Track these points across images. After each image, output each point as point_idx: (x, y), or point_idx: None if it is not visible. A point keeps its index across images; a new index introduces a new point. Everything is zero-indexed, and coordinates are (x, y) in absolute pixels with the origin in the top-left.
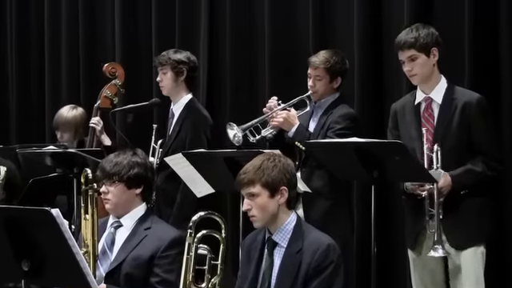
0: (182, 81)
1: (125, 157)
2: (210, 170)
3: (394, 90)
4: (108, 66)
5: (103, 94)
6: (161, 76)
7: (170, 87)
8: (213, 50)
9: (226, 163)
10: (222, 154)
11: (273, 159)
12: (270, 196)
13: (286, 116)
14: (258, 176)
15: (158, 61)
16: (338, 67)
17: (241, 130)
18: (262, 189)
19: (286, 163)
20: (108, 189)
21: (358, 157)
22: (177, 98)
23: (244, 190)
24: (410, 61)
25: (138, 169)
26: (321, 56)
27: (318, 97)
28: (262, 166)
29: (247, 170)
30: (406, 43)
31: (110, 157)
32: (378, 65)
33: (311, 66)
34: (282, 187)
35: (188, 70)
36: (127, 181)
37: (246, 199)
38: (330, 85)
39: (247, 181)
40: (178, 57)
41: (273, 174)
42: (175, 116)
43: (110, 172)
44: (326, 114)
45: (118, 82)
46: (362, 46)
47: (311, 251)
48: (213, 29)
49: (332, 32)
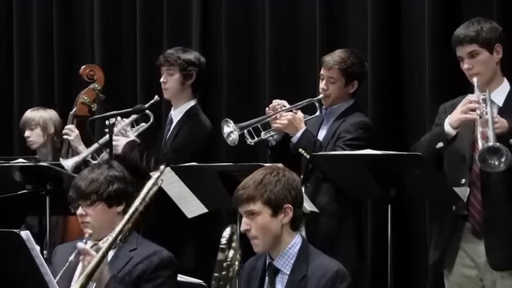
0: (190, 85)
1: (100, 171)
2: (203, 186)
3: (414, 95)
4: (85, 68)
5: (80, 100)
6: (166, 77)
7: (175, 90)
8: (206, 48)
9: (221, 178)
10: (216, 167)
11: (276, 173)
12: (272, 215)
13: (292, 118)
14: (259, 192)
15: (164, 59)
16: (356, 69)
17: (238, 128)
18: (263, 206)
19: (291, 178)
20: (86, 211)
21: (373, 172)
22: (179, 103)
23: (243, 207)
24: (470, 57)
25: (118, 184)
26: (336, 55)
27: (331, 102)
28: (264, 181)
29: (247, 185)
30: (466, 37)
31: (84, 173)
32: (395, 66)
33: (325, 66)
34: (286, 205)
35: (197, 73)
36: (107, 199)
37: (245, 218)
38: (344, 89)
39: (246, 197)
40: (188, 57)
41: (276, 190)
42: (174, 122)
43: (87, 191)
44: (338, 122)
45: (97, 87)
46: (376, 45)
47: (317, 278)
48: (206, 25)
49: (342, 28)
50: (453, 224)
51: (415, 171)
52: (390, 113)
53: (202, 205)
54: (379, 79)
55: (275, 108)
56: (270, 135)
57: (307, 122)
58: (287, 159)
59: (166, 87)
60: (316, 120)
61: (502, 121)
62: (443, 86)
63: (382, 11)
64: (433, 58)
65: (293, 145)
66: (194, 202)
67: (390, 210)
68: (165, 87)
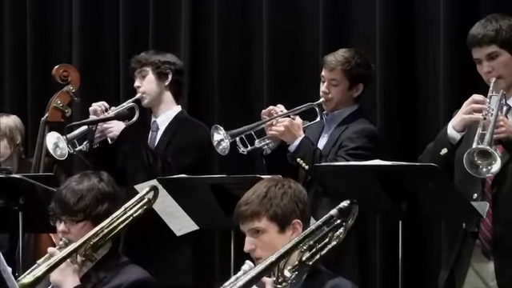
0: (167, 87)
1: (90, 185)
2: (193, 200)
3: (429, 99)
4: (58, 68)
5: (52, 105)
6: (139, 81)
7: (153, 94)
8: (197, 49)
9: (213, 192)
10: (208, 179)
11: (281, 185)
12: (279, 231)
13: (289, 125)
14: (265, 207)
15: (135, 61)
16: (361, 71)
17: (229, 135)
18: (269, 223)
19: (298, 190)
20: (69, 228)
21: (382, 184)
22: (162, 109)
23: (246, 225)
24: (489, 59)
25: (108, 203)
26: (339, 55)
27: (333, 106)
28: (269, 195)
29: (249, 200)
30: (485, 37)
31: (71, 185)
32: (407, 67)
33: (326, 67)
34: (294, 220)
35: (173, 74)
36: (95, 219)
37: (249, 237)
38: (348, 92)
39: (250, 213)
40: (162, 57)
41: (283, 204)
42: (161, 129)
43: (75, 208)
44: (340, 129)
45: (72, 89)
46: (386, 44)
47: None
48: (196, 22)
49: (348, 26)
50: (463, 241)
51: (429, 184)
52: (401, 119)
53: (192, 221)
54: (389, 82)
55: (271, 113)
56: (264, 143)
57: (306, 129)
58: (283, 169)
59: (143, 90)
60: (316, 127)
61: (510, 125)
62: (460, 88)
63: (391, 6)
64: (449, 58)
65: (290, 154)
66: (183, 218)
67: (400, 227)
68: (140, 91)
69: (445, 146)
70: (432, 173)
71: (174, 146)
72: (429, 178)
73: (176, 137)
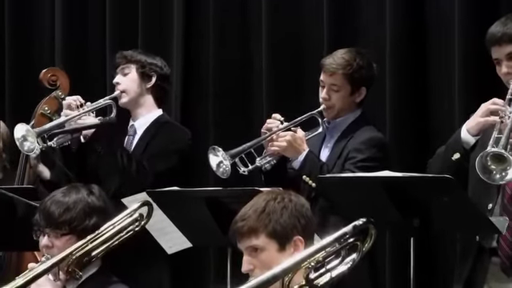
0: (149, 90)
1: (79, 197)
2: (186, 215)
3: (442, 105)
4: (46, 72)
5: (39, 111)
6: (120, 78)
7: (133, 94)
8: (190, 50)
9: (208, 206)
10: (202, 192)
11: (281, 199)
12: (279, 249)
13: (291, 139)
14: (263, 223)
15: (120, 56)
16: (364, 74)
17: (228, 156)
18: (268, 240)
19: (299, 203)
20: (53, 242)
21: (392, 197)
22: (141, 112)
23: (243, 242)
24: (509, 59)
25: (97, 217)
26: (339, 57)
27: (334, 114)
28: (267, 209)
29: (246, 216)
30: (505, 36)
31: (57, 196)
32: (419, 70)
33: (325, 71)
34: (295, 237)
35: (158, 78)
36: (81, 233)
37: (247, 256)
38: (350, 98)
39: (247, 230)
40: (149, 58)
41: (283, 220)
42: (138, 133)
43: (59, 220)
44: (345, 139)
45: (61, 95)
46: (397, 46)
47: None
48: (190, 21)
49: (356, 25)
50: (477, 257)
51: (444, 197)
52: (413, 126)
53: (184, 238)
54: (399, 86)
55: (271, 128)
56: (266, 161)
57: (308, 141)
58: (284, 185)
59: (122, 88)
60: (317, 137)
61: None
62: (476, 92)
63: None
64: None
65: (294, 171)
66: (174, 235)
67: (412, 243)
68: (119, 88)
69: (457, 150)
70: (446, 185)
71: (150, 150)
72: (443, 190)
73: (154, 140)
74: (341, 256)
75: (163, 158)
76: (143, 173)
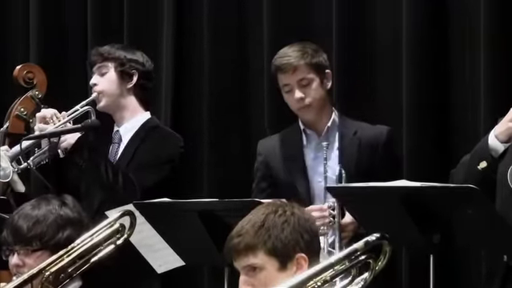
0: (130, 90)
1: (49, 209)
2: (177, 230)
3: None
4: (21, 69)
5: (14, 113)
6: (96, 78)
7: (112, 96)
8: (182, 49)
9: (202, 220)
10: (195, 205)
11: (282, 212)
12: (280, 269)
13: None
14: (262, 239)
15: (95, 53)
16: (321, 55)
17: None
18: (267, 258)
19: (302, 217)
20: (24, 260)
21: (408, 210)
22: (125, 116)
23: (240, 261)
24: None
25: (71, 230)
26: (292, 51)
27: (315, 112)
28: (267, 224)
29: (243, 231)
30: None
31: (26, 209)
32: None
33: (286, 72)
34: (298, 254)
35: (140, 76)
36: (54, 248)
37: (244, 276)
38: (322, 87)
39: (244, 247)
40: (129, 53)
41: (284, 236)
42: (124, 140)
43: (29, 235)
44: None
45: (38, 94)
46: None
47: None
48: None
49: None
50: (506, 277)
51: (467, 210)
52: (433, 131)
53: (176, 256)
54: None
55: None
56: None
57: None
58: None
59: (99, 90)
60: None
61: None
62: (504, 94)
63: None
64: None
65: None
66: (165, 252)
67: (432, 262)
68: (96, 90)
69: (484, 158)
70: (470, 196)
71: (138, 159)
72: (466, 202)
73: (142, 148)
74: (351, 275)
75: (153, 170)
76: (130, 189)
